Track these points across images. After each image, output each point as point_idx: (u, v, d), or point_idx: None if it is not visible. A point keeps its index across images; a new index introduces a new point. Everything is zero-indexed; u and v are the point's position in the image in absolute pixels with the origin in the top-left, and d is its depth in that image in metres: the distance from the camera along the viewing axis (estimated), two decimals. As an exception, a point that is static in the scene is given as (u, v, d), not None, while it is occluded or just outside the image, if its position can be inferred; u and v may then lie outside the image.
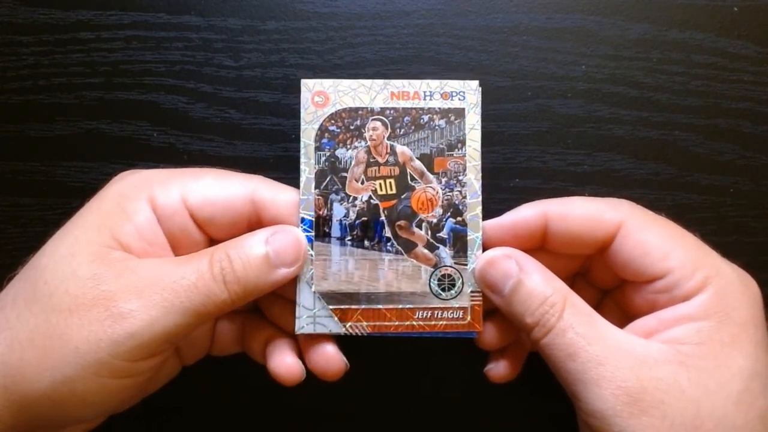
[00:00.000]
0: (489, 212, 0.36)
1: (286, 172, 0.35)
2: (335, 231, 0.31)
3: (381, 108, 0.31)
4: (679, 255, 0.28)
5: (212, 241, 0.31)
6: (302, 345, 0.32)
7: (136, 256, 0.28)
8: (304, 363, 0.31)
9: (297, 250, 0.29)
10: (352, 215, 0.31)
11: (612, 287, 0.32)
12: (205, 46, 0.35)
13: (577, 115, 0.36)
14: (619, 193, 0.36)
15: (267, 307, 0.33)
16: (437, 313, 0.31)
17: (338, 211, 0.31)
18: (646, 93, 0.36)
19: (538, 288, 0.28)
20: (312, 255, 0.30)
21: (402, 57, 0.36)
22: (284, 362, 0.31)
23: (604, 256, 0.30)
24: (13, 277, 0.28)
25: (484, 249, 0.31)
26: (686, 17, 0.36)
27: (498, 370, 0.33)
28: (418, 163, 0.31)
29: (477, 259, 0.31)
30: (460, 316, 0.31)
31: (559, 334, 0.27)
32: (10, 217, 0.36)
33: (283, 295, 0.31)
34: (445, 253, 0.31)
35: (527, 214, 0.30)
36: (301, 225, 0.30)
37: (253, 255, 0.28)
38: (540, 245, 0.31)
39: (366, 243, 0.31)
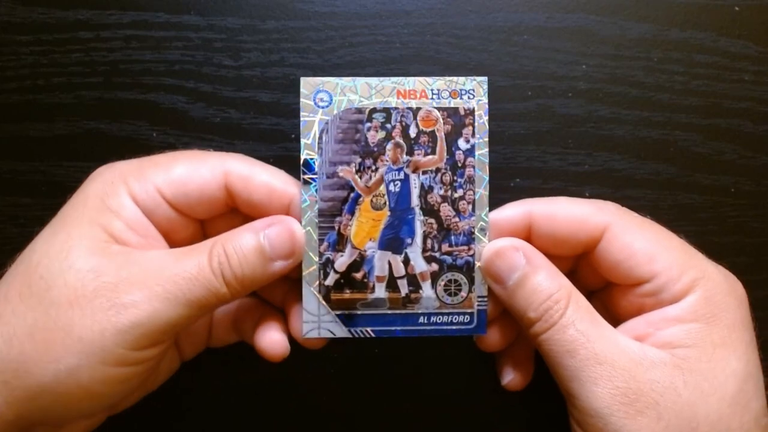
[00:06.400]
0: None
1: (286, 171, 0.35)
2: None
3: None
4: (665, 258, 0.28)
5: (201, 223, 0.31)
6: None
7: (133, 248, 0.28)
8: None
9: (292, 242, 0.29)
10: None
11: (598, 288, 0.32)
12: (204, 45, 0.35)
13: (578, 114, 0.36)
14: (619, 192, 0.36)
15: (267, 291, 0.33)
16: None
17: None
18: (647, 93, 0.36)
19: (544, 283, 0.28)
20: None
21: (402, 57, 0.36)
22: (270, 338, 0.31)
23: (589, 258, 0.30)
24: (2, 275, 0.28)
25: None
26: (687, 17, 0.36)
27: (515, 379, 0.33)
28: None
29: (484, 248, 0.30)
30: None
31: (560, 330, 0.27)
32: (10, 217, 0.36)
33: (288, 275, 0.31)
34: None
35: (510, 214, 0.30)
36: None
37: (249, 249, 0.28)
38: None
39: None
